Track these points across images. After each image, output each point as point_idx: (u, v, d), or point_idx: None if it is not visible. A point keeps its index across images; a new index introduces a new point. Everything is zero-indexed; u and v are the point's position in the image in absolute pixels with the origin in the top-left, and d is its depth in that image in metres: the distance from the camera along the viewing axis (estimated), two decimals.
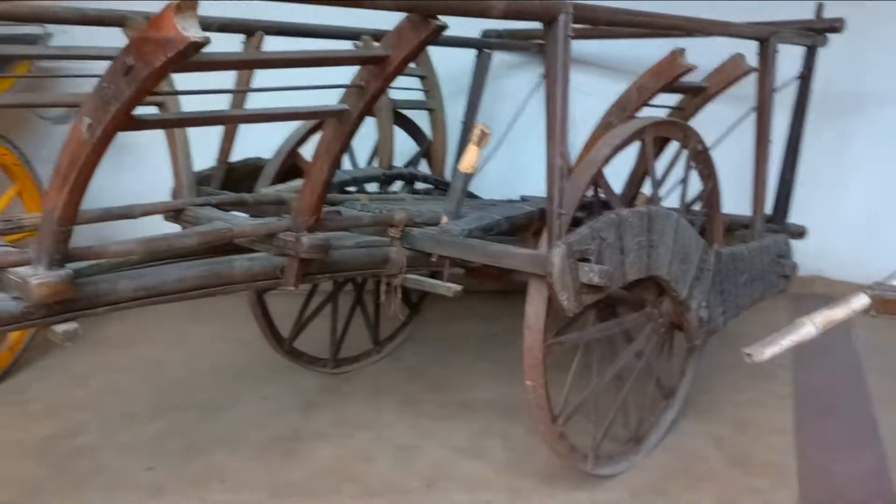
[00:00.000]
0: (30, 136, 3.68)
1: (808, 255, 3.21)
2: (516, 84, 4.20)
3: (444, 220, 2.29)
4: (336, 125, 1.85)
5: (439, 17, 1.67)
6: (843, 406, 3.05)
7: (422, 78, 3.45)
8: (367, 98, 1.79)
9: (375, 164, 3.24)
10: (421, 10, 1.63)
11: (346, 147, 1.89)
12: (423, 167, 3.57)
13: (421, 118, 3.51)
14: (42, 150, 3.88)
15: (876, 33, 3.86)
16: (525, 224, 2.44)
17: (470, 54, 3.85)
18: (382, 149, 3.13)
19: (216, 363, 3.38)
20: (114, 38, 2.51)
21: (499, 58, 3.96)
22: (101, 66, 2.36)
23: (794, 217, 3.32)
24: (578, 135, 4.22)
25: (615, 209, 2.10)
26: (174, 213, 2.26)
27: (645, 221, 2.12)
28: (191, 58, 1.26)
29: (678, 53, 2.24)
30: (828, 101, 3.65)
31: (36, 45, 3.17)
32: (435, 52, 3.57)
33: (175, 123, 1.67)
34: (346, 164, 3.39)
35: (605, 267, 1.95)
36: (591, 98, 4.22)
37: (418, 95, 3.50)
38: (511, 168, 4.10)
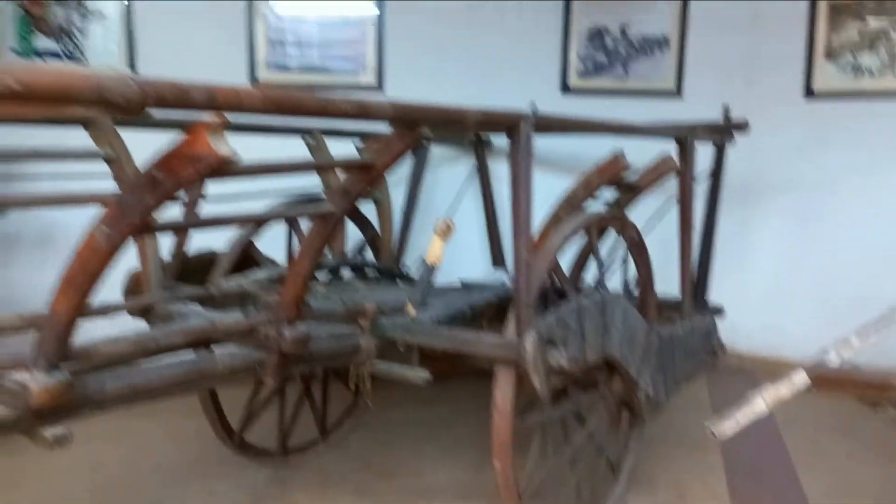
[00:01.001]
0: None
1: (720, 331, 3.50)
2: (451, 175, 4.43)
3: (411, 309, 2.40)
4: (320, 224, 1.95)
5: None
6: (769, 472, 3.28)
7: None
8: (350, 200, 1.92)
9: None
10: (408, 120, 1.78)
11: (325, 245, 1.99)
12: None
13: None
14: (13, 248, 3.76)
15: (771, 131, 4.35)
16: (484, 311, 2.59)
17: None
18: (337, 241, 3.22)
19: (156, 460, 3.28)
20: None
21: (434, 150, 4.18)
22: None
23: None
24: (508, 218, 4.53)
25: (572, 296, 2.28)
26: (143, 309, 2.27)
27: (599, 307, 2.31)
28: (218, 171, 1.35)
29: (620, 156, 2.49)
30: (732, 190, 4.04)
31: None
32: None
33: (187, 227, 1.73)
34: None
35: (571, 352, 2.10)
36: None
37: None
38: (447, 253, 4.27)
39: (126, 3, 4.16)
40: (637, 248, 2.73)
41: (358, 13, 4.39)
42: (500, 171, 4.57)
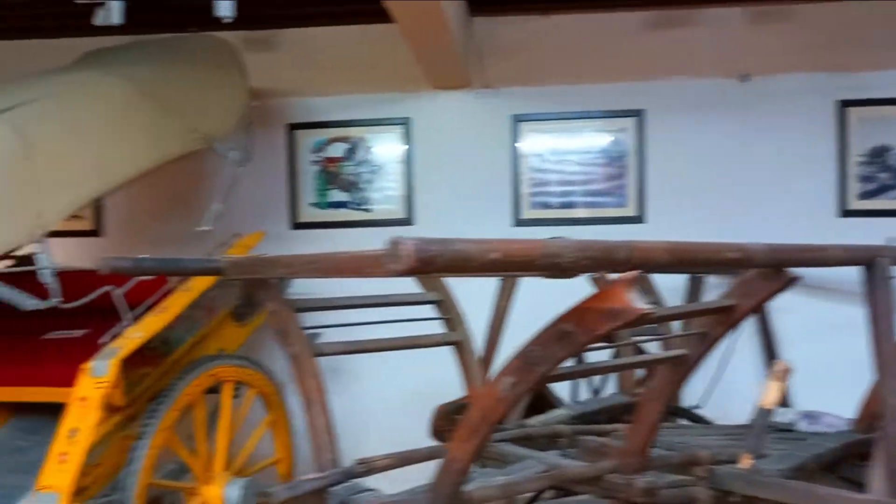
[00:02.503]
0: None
1: None
2: None
3: (747, 458, 2.24)
4: (671, 369, 1.90)
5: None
6: None
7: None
8: (707, 344, 1.86)
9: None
10: (777, 263, 1.72)
11: (678, 390, 1.93)
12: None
13: None
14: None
15: None
16: (828, 462, 2.35)
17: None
18: (624, 375, 3.16)
19: None
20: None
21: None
22: None
23: None
24: (785, 349, 4.22)
25: None
26: None
27: None
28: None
29: None
30: None
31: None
32: None
33: (580, 375, 1.78)
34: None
35: None
36: (789, 315, 4.26)
37: None
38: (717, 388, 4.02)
39: (406, 147, 4.57)
40: None
41: (618, 149, 4.49)
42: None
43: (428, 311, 2.69)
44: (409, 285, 2.74)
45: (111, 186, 2.82)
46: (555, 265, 1.23)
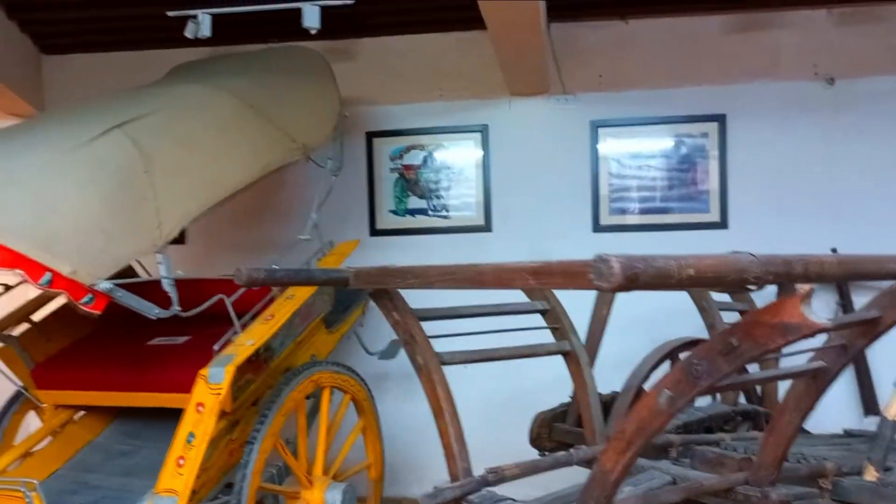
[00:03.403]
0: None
1: None
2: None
3: (872, 470, 2.20)
4: (809, 382, 1.88)
5: None
6: None
7: None
8: (847, 357, 1.84)
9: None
10: None
11: (816, 404, 1.91)
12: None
13: None
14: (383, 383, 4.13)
15: None
16: None
17: None
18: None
19: None
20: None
21: None
22: None
23: None
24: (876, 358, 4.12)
25: None
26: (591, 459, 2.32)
27: None
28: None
29: None
30: None
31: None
32: None
33: (739, 386, 1.78)
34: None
35: None
36: None
37: None
38: None
39: (483, 154, 4.58)
40: None
41: (699, 154, 4.44)
42: None
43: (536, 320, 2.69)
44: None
45: (221, 198, 2.89)
46: (744, 280, 1.24)
